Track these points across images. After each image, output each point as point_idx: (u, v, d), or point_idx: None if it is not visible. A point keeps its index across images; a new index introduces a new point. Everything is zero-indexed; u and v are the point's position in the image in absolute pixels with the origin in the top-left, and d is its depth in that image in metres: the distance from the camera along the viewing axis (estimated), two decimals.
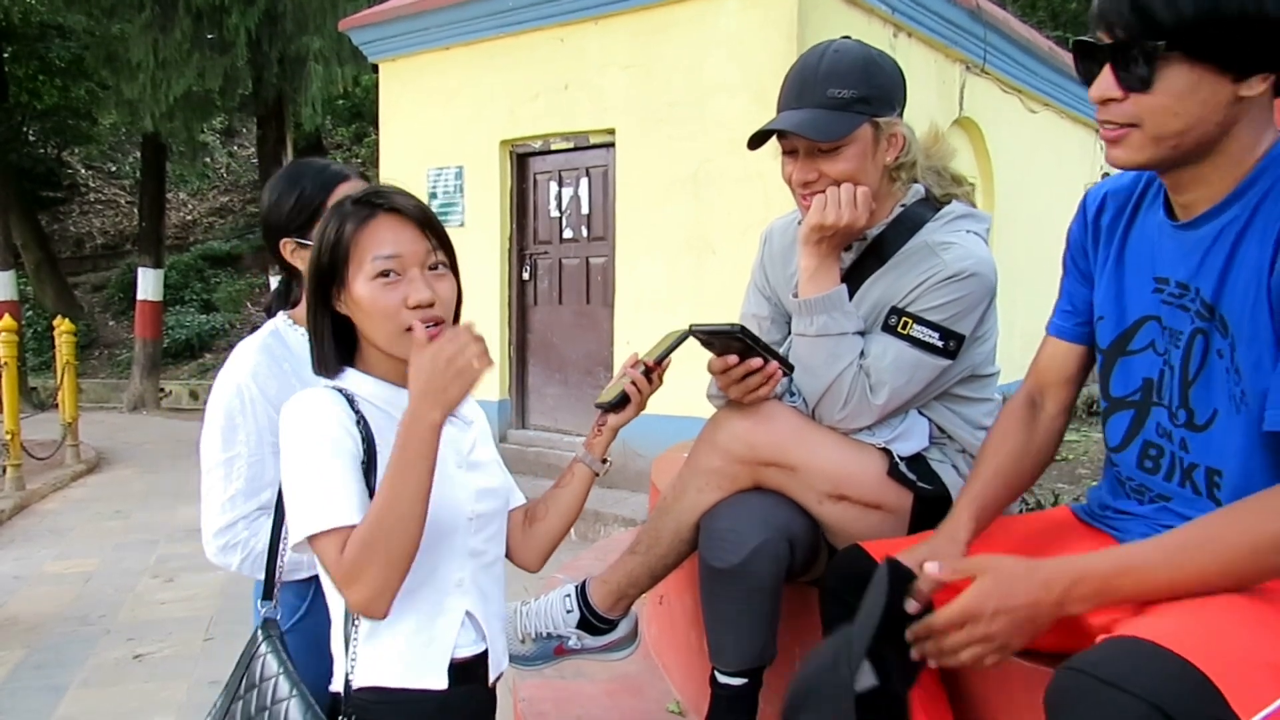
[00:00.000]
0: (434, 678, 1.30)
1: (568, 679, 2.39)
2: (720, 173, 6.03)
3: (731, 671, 1.62)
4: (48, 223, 18.61)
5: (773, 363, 1.59)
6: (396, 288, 1.28)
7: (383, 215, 1.30)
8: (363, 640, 1.28)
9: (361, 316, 1.31)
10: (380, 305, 1.28)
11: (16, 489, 7.37)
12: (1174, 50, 1.12)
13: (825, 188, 1.66)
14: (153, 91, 9.90)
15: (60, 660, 4.07)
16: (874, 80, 1.64)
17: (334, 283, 1.30)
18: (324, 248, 1.30)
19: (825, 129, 1.63)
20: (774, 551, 1.58)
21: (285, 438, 1.27)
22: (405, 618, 1.29)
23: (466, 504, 1.35)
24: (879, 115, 1.64)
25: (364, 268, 1.28)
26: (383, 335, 1.30)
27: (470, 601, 1.35)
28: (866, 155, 1.65)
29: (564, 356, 7.12)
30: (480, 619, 1.37)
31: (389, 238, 1.29)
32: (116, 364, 14.82)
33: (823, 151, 1.65)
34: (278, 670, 1.29)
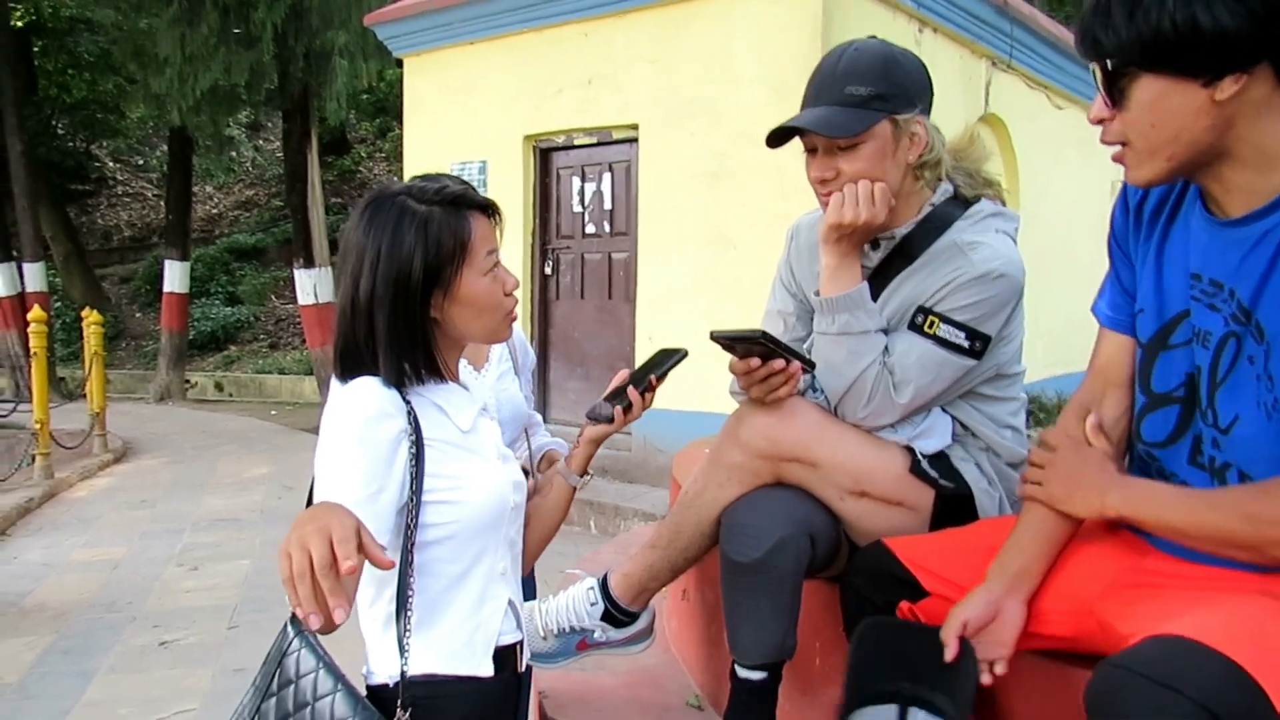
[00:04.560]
0: (482, 665, 1.33)
1: (588, 672, 2.40)
2: (740, 167, 6.02)
3: (751, 665, 1.63)
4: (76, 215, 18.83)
5: (795, 363, 1.60)
6: (499, 278, 1.36)
7: (476, 211, 1.35)
8: (414, 631, 1.29)
9: (470, 313, 1.34)
10: (495, 297, 1.36)
11: (45, 477, 7.48)
12: (1131, 67, 1.16)
13: (843, 186, 1.66)
14: (180, 86, 9.98)
15: (87, 646, 4.13)
16: (893, 77, 1.64)
17: (437, 286, 1.31)
18: (433, 253, 1.30)
19: (839, 125, 1.63)
20: (795, 546, 1.58)
21: (325, 421, 1.29)
22: (455, 606, 1.32)
23: (509, 494, 1.38)
24: (898, 113, 1.64)
25: (477, 264, 1.33)
26: (489, 325, 1.38)
27: (511, 590, 1.39)
28: (885, 153, 1.65)
29: (585, 351, 7.13)
30: (517, 607, 1.41)
31: (489, 232, 1.36)
32: (143, 355, 14.98)
33: (841, 149, 1.65)
34: (316, 665, 1.26)
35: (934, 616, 1.40)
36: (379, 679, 1.33)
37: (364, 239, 1.32)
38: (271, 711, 1.30)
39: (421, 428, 1.30)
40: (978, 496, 1.66)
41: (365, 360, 1.32)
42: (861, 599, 1.52)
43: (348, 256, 1.34)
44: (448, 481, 1.31)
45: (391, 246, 1.30)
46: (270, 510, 6.57)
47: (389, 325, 1.30)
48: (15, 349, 12.41)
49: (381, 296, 1.30)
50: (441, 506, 1.31)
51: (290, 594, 1.01)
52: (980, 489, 1.67)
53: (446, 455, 1.32)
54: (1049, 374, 7.23)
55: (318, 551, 1.01)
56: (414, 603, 1.30)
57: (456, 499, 1.32)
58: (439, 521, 1.30)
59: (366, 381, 1.31)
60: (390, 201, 1.33)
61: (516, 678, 1.43)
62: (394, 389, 1.31)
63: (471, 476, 1.34)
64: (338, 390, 1.32)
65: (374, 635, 1.34)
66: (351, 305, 1.32)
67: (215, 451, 8.98)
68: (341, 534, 1.03)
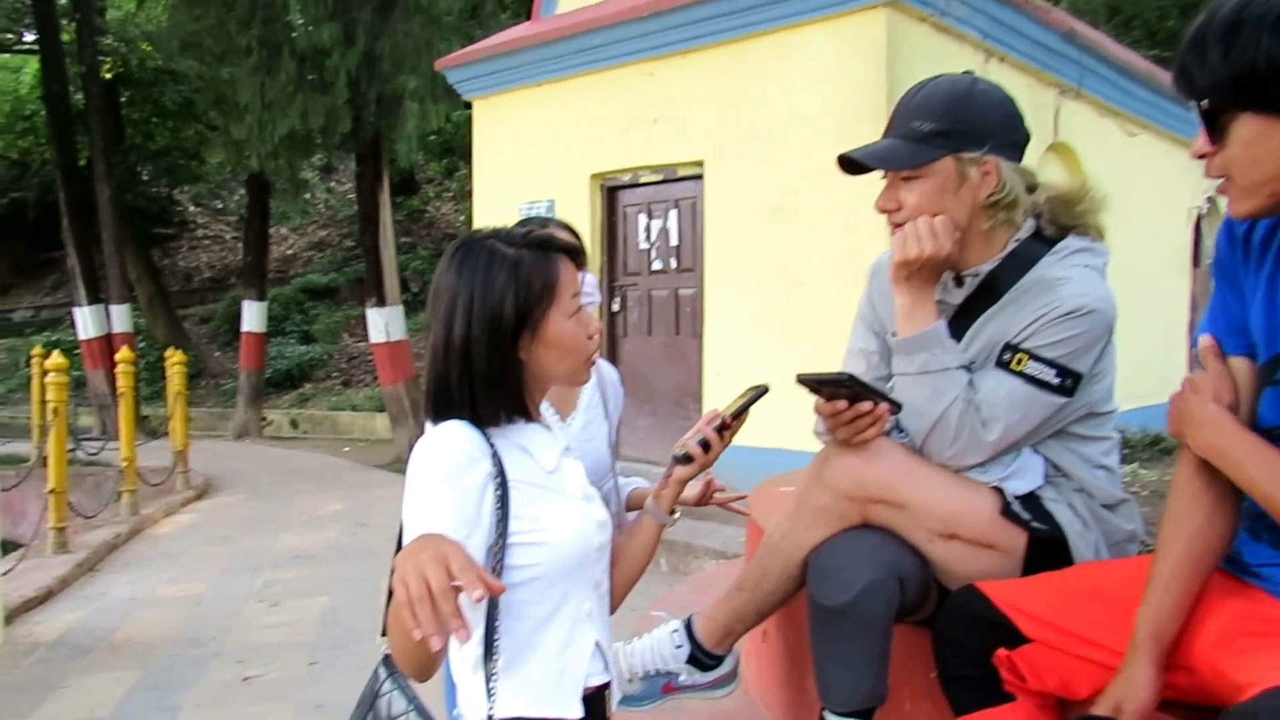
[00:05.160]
0: (570, 707, 1.33)
1: (668, 713, 2.38)
2: (805, 204, 6.02)
3: (842, 712, 1.61)
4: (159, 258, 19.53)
5: (882, 405, 1.59)
6: (583, 321, 1.39)
7: (563, 254, 1.38)
8: (501, 673, 1.30)
9: (555, 354, 1.37)
10: (579, 339, 1.38)
11: (131, 514, 7.71)
12: (1228, 104, 1.16)
13: (905, 219, 1.67)
14: (259, 132, 10.34)
15: (173, 681, 4.23)
16: (960, 115, 1.64)
17: (525, 328, 1.34)
18: (523, 295, 1.33)
19: (893, 159, 1.67)
20: (884, 590, 1.57)
21: (414, 466, 1.31)
22: (542, 647, 1.33)
23: (593, 535, 1.39)
24: (961, 150, 1.64)
25: (563, 306, 1.35)
26: (571, 367, 1.40)
27: (598, 631, 1.39)
28: (947, 189, 1.65)
29: (654, 388, 7.15)
30: (604, 648, 1.41)
31: (574, 275, 1.39)
32: (222, 393, 15.41)
33: (904, 181, 1.67)
34: (407, 707, 1.29)
35: (1035, 664, 1.37)
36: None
37: (456, 282, 1.34)
38: None
39: (506, 470, 1.32)
40: (1072, 539, 1.63)
41: (456, 401, 1.34)
42: (955, 645, 1.49)
43: (439, 299, 1.36)
44: (533, 523, 1.33)
45: (484, 288, 1.33)
46: (344, 547, 6.68)
47: (483, 366, 1.33)
48: (103, 388, 12.86)
49: (476, 337, 1.32)
50: (527, 548, 1.32)
51: (409, 618, 1.03)
52: (1074, 531, 1.63)
53: (531, 496, 1.34)
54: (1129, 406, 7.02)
55: (435, 578, 1.03)
56: (501, 645, 1.31)
57: (542, 540, 1.33)
58: (525, 563, 1.32)
59: (453, 426, 1.33)
60: (480, 245, 1.36)
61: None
62: (479, 432, 1.33)
63: (556, 517, 1.35)
64: (426, 435, 1.35)
65: (463, 677, 1.35)
66: (445, 346, 1.34)
67: (291, 488, 9.16)
68: (462, 563, 1.06)
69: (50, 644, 4.80)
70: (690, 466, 1.57)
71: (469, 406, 1.34)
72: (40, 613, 5.35)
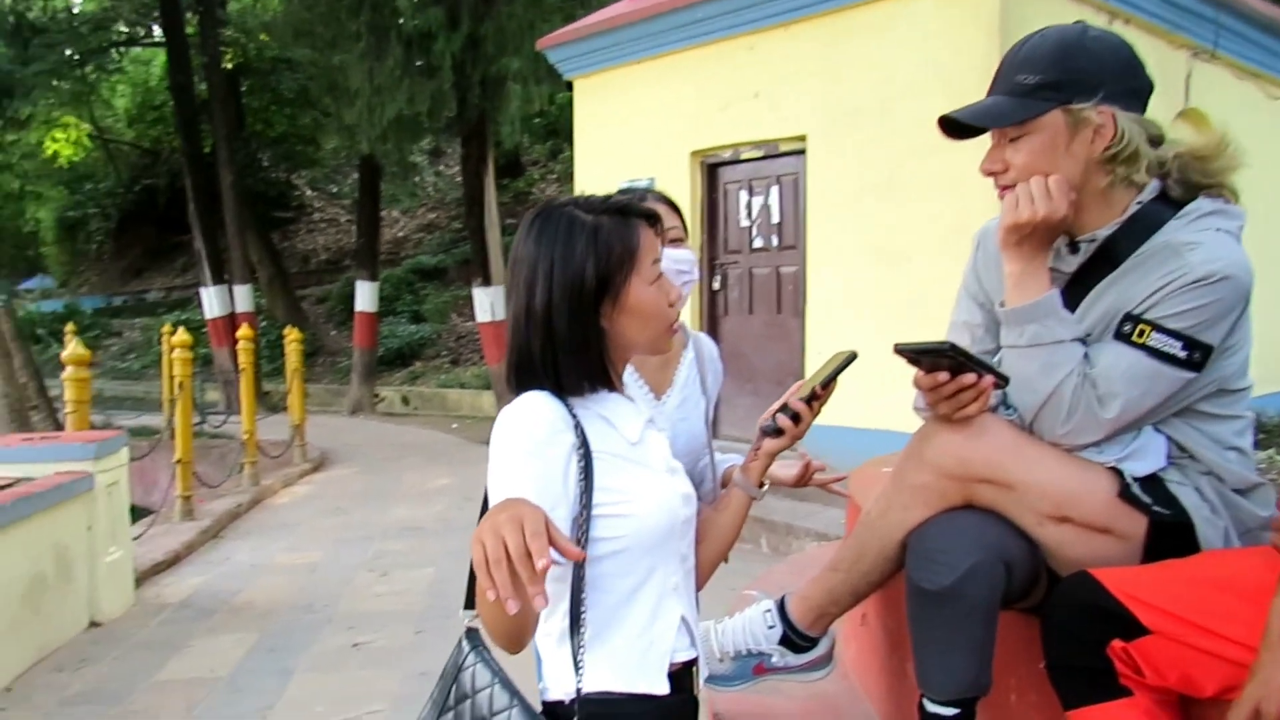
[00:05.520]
0: (657, 682, 1.31)
1: (765, 695, 2.34)
2: (913, 178, 5.83)
3: (942, 700, 1.54)
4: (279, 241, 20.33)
5: (986, 377, 1.50)
6: (664, 288, 1.36)
7: (642, 220, 1.36)
8: (587, 647, 1.29)
9: (637, 322, 1.34)
10: (660, 306, 1.35)
11: (252, 484, 8.07)
12: None
13: (1013, 181, 1.57)
14: (368, 116, 10.63)
15: (288, 645, 4.40)
16: (1069, 64, 1.53)
17: (606, 295, 1.32)
18: (604, 260, 1.31)
19: (994, 115, 1.56)
20: (988, 574, 1.48)
21: (496, 437, 1.30)
22: (628, 621, 1.31)
23: (679, 508, 1.36)
24: (1071, 102, 1.52)
25: (644, 272, 1.33)
26: (652, 335, 1.37)
27: (684, 606, 1.37)
28: (1057, 145, 1.54)
29: (755, 367, 7.07)
30: (691, 624, 1.38)
31: (654, 241, 1.36)
32: (337, 371, 15.96)
33: (1011, 140, 1.57)
34: (492, 680, 1.28)
35: (1154, 658, 1.28)
36: (554, 695, 1.32)
37: (536, 250, 1.33)
38: None
39: (589, 440, 1.30)
40: (1199, 525, 1.51)
41: (538, 370, 1.32)
42: (1066, 634, 1.40)
43: (519, 268, 1.34)
44: (617, 494, 1.30)
45: (564, 255, 1.31)
46: (451, 520, 6.83)
47: (564, 334, 1.31)
48: (227, 365, 13.46)
49: (557, 305, 1.30)
50: (611, 520, 1.29)
51: (484, 580, 1.02)
52: (1202, 517, 1.51)
53: (615, 468, 1.31)
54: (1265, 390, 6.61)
55: (512, 539, 1.02)
56: (587, 618, 1.29)
57: (626, 512, 1.30)
58: (609, 535, 1.29)
59: (535, 396, 1.32)
60: (559, 212, 1.34)
61: (693, 699, 1.40)
62: (561, 402, 1.31)
63: (640, 489, 1.32)
64: (509, 405, 1.34)
65: (548, 651, 1.34)
66: (526, 315, 1.33)
67: (401, 463, 9.43)
68: (534, 526, 1.03)
69: (176, 605, 5.05)
70: (780, 439, 1.53)
71: (551, 376, 1.32)
72: (168, 576, 5.65)
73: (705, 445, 1.97)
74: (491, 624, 1.21)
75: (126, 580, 5.07)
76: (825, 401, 1.58)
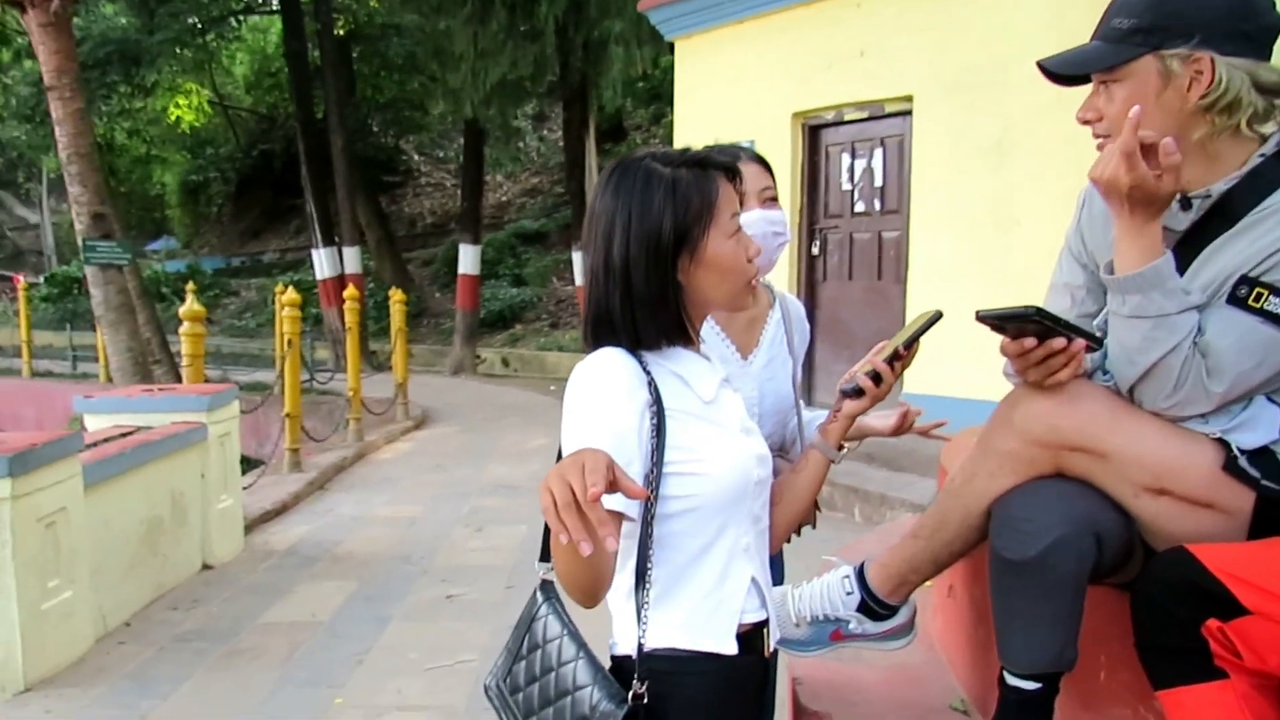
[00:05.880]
0: (725, 641, 1.30)
1: (846, 664, 2.31)
2: (1026, 138, 5.59)
3: (1023, 674, 1.48)
4: (387, 205, 20.86)
5: (1077, 340, 1.42)
6: (743, 242, 1.34)
7: (720, 172, 1.33)
8: (653, 603, 1.29)
9: (714, 277, 1.32)
10: (739, 261, 1.33)
11: (357, 440, 8.34)
12: None
13: (1106, 131, 1.48)
14: (472, 80, 10.76)
15: (386, 594, 4.55)
16: (1165, 7, 1.42)
17: (684, 248, 1.30)
18: (681, 213, 1.29)
19: (1078, 62, 1.48)
20: (1077, 546, 1.41)
21: (571, 393, 1.30)
22: (696, 580, 1.30)
23: (752, 468, 1.34)
24: (1163, 46, 1.42)
25: (722, 225, 1.31)
26: (730, 290, 1.35)
27: (755, 568, 1.35)
28: (1148, 93, 1.44)
29: (853, 334, 6.94)
30: (762, 585, 1.37)
31: (732, 194, 1.34)
32: (441, 332, 16.35)
33: (1105, 86, 1.49)
34: (561, 632, 1.30)
35: (1253, 639, 1.20)
36: (622, 650, 1.33)
37: (613, 203, 1.31)
38: (521, 674, 1.35)
39: (663, 398, 1.29)
40: None
41: (615, 325, 1.32)
42: (1158, 611, 1.33)
43: (597, 222, 1.33)
44: (689, 453, 1.29)
45: (642, 208, 1.29)
46: None
47: (642, 287, 1.30)
48: (336, 324, 13.92)
49: (635, 258, 1.29)
50: (683, 478, 1.28)
51: (554, 524, 1.02)
52: None
53: (687, 426, 1.30)
54: None
55: (578, 483, 1.01)
56: (654, 575, 1.29)
57: (698, 471, 1.29)
58: (680, 494, 1.28)
59: (610, 353, 1.31)
60: (637, 165, 1.32)
61: (763, 660, 1.39)
62: (635, 360, 1.30)
63: (713, 448, 1.31)
64: (583, 362, 1.33)
65: (617, 606, 1.34)
66: (605, 269, 1.32)
67: (500, 423, 9.61)
68: (594, 464, 1.03)
69: (282, 553, 5.28)
70: (860, 400, 1.50)
71: (629, 331, 1.31)
72: (275, 524, 5.90)
73: (793, 406, 1.94)
74: (565, 577, 1.21)
75: (237, 527, 5.32)
76: (909, 362, 1.53)
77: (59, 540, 3.66)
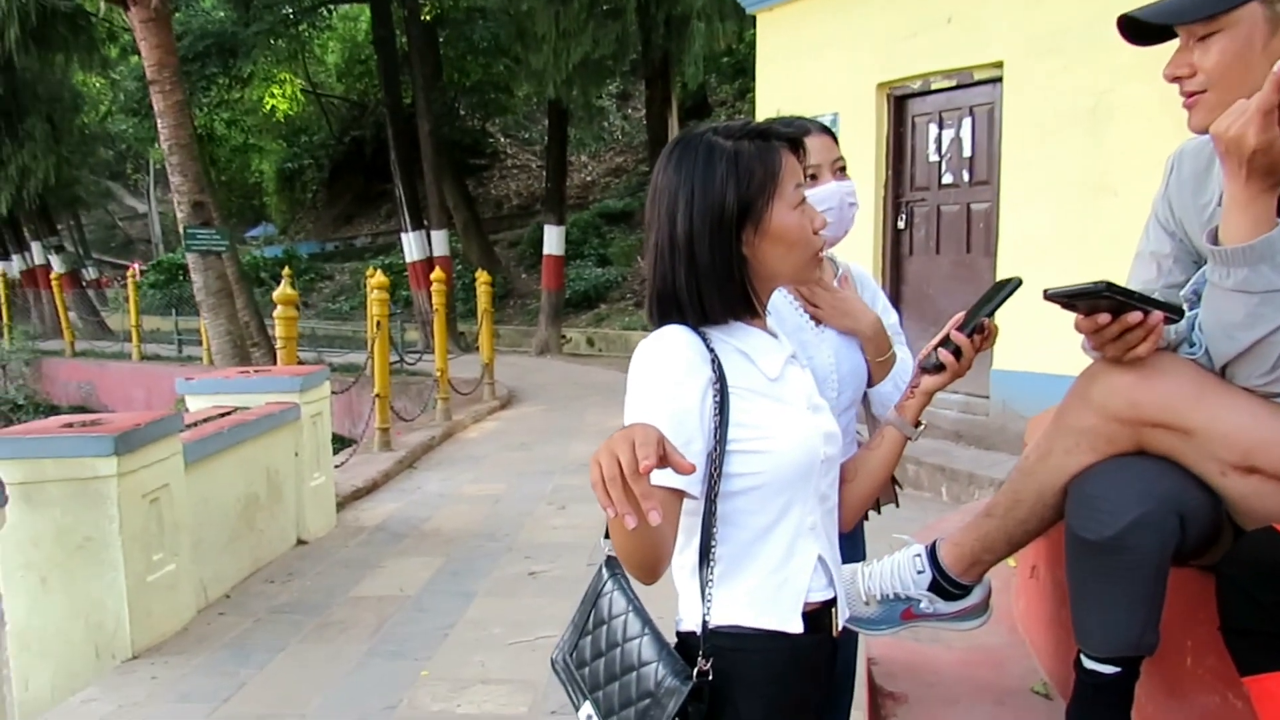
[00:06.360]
0: (790, 620, 1.30)
1: (923, 644, 2.27)
2: (1123, 104, 5.34)
3: (1100, 657, 1.43)
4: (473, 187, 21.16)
5: (1155, 313, 1.34)
6: (808, 214, 1.32)
7: (783, 143, 1.32)
8: (717, 581, 1.29)
9: (780, 249, 1.31)
10: (805, 233, 1.32)
11: (444, 419, 8.52)
12: None
13: (1199, 87, 1.40)
14: (555, 61, 10.81)
15: (471, 569, 4.65)
16: None
17: (748, 220, 1.29)
18: (744, 185, 1.28)
19: (1175, 9, 1.38)
20: (1158, 526, 1.35)
21: (634, 370, 1.30)
22: (760, 558, 1.30)
23: (819, 446, 1.32)
24: None
25: (786, 197, 1.30)
26: (796, 263, 1.33)
27: (821, 546, 1.34)
28: (1252, 44, 1.35)
29: (940, 309, 6.75)
30: (829, 564, 1.35)
31: (796, 165, 1.32)
32: (527, 312, 16.55)
33: (1199, 40, 1.40)
34: (627, 607, 1.31)
35: None
36: (686, 626, 1.33)
37: (675, 178, 1.31)
38: (587, 649, 1.36)
39: (726, 375, 1.27)
40: None
41: (681, 301, 1.31)
42: (1245, 594, 1.27)
43: (660, 199, 1.33)
44: (753, 430, 1.27)
45: (704, 182, 1.28)
46: None
47: (706, 262, 1.29)
48: (425, 307, 14.23)
49: (699, 233, 1.28)
50: (746, 456, 1.27)
51: (601, 497, 1.02)
52: None
53: (752, 404, 1.29)
54: None
55: (625, 456, 1.01)
56: (718, 553, 1.29)
57: (763, 449, 1.27)
58: (744, 471, 1.27)
59: (673, 330, 1.30)
60: (698, 140, 1.31)
61: (831, 640, 1.37)
62: (699, 337, 1.29)
63: (779, 426, 1.29)
64: (645, 339, 1.32)
65: (682, 583, 1.34)
66: (669, 245, 1.31)
67: (584, 402, 9.69)
68: (643, 439, 1.02)
69: (372, 529, 5.44)
70: (940, 376, 1.47)
71: (695, 306, 1.30)
72: (366, 501, 6.08)
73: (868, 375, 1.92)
74: (621, 552, 1.22)
75: (329, 503, 5.49)
76: (990, 334, 1.47)
77: (162, 515, 3.84)
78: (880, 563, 1.74)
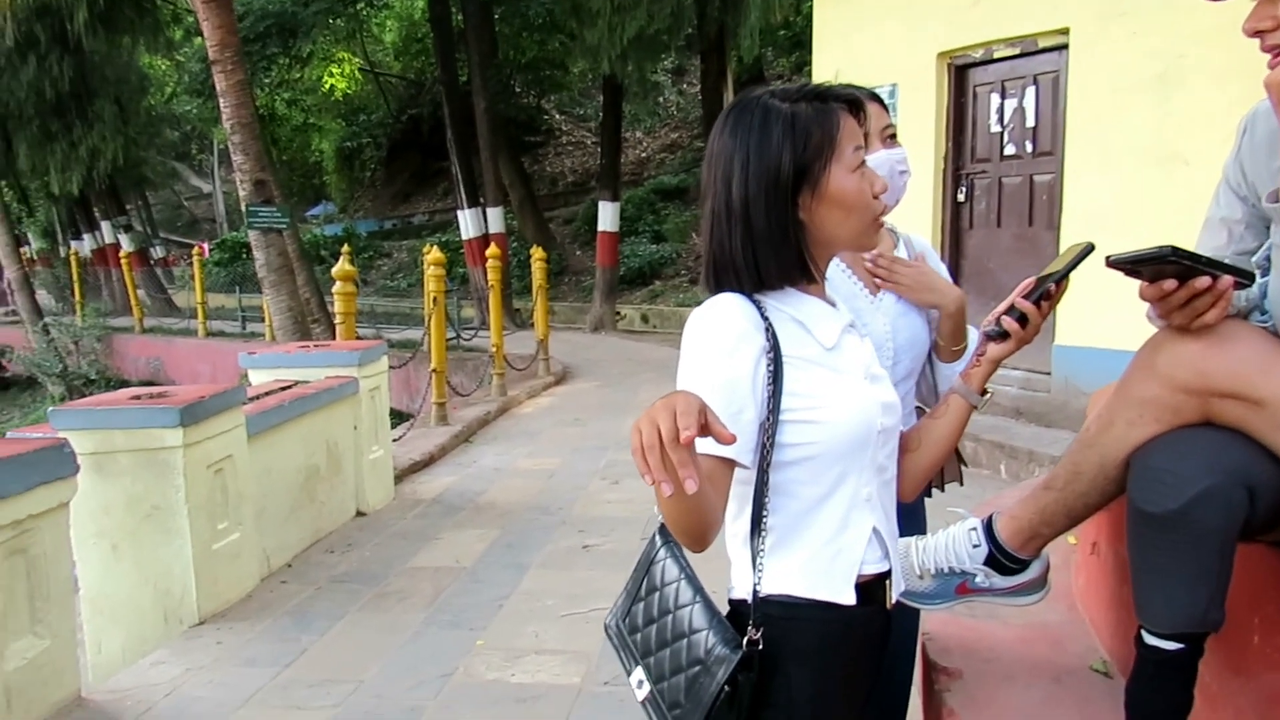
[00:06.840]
0: (842, 591, 1.28)
1: (979, 620, 2.23)
2: (1195, 70, 5.15)
3: (1162, 634, 1.39)
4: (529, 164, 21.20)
5: (1224, 278, 1.29)
6: (867, 177, 1.30)
7: (842, 105, 1.29)
8: (769, 551, 1.28)
9: (838, 214, 1.28)
10: (864, 197, 1.29)
11: (500, 394, 8.60)
12: None
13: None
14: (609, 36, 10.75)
15: (525, 542, 4.70)
16: None
17: (805, 184, 1.27)
18: (801, 148, 1.26)
19: None
20: (1225, 499, 1.30)
21: (687, 338, 1.29)
22: (815, 529, 1.28)
23: (876, 417, 1.30)
24: None
25: (845, 160, 1.27)
26: (856, 228, 1.30)
27: (877, 518, 1.32)
28: None
29: (1001, 284, 6.62)
30: (885, 537, 1.33)
31: (855, 128, 1.30)
32: (582, 289, 16.59)
33: None
34: (679, 575, 1.30)
35: None
36: (738, 595, 1.32)
37: (731, 142, 1.29)
38: (639, 615, 1.36)
39: (780, 344, 1.26)
40: None
41: (736, 267, 1.29)
42: None
43: (716, 163, 1.31)
44: (807, 400, 1.26)
45: (760, 145, 1.26)
46: None
47: (762, 226, 1.27)
48: (481, 283, 14.34)
49: (755, 197, 1.26)
50: (801, 426, 1.25)
51: (640, 464, 1.01)
52: None
53: (807, 373, 1.27)
54: None
55: (665, 424, 1.00)
56: (770, 522, 1.28)
57: (817, 419, 1.26)
58: (798, 441, 1.26)
59: (727, 298, 1.29)
60: (755, 103, 1.29)
61: (884, 612, 1.35)
62: (754, 305, 1.27)
63: (834, 395, 1.27)
64: (699, 307, 1.31)
65: (735, 551, 1.34)
66: (726, 209, 1.29)
67: (638, 378, 9.70)
68: (685, 407, 1.01)
69: (429, 501, 5.52)
70: (1005, 344, 1.42)
71: (751, 272, 1.29)
72: (423, 475, 6.17)
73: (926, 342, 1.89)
74: (668, 519, 1.21)
75: (387, 476, 5.58)
76: (1057, 301, 1.42)
77: (226, 486, 3.94)
78: (934, 536, 1.71)
